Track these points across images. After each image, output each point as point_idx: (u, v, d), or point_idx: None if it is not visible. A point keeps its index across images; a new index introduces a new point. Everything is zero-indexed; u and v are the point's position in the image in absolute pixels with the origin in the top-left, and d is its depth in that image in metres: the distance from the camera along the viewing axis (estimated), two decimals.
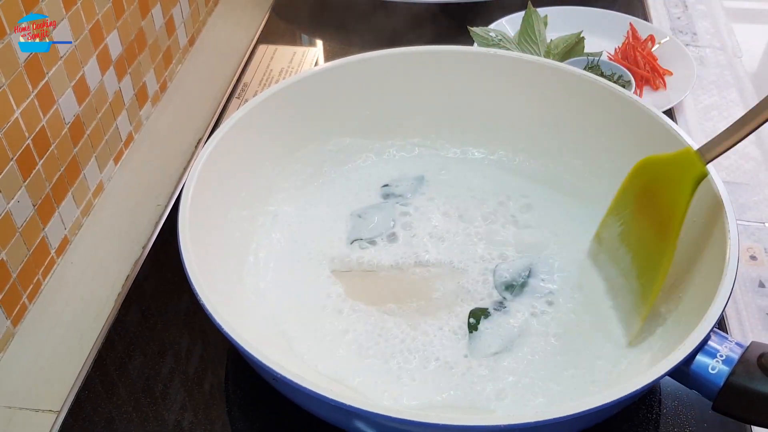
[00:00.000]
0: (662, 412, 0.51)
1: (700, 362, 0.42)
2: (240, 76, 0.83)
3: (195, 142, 0.75)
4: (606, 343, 0.51)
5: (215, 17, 0.94)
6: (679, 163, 0.47)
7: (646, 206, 0.50)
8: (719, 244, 0.47)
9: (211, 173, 0.54)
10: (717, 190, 0.49)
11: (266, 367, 0.40)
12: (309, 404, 0.45)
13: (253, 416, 0.51)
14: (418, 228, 0.60)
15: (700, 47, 0.88)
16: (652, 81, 0.78)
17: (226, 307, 0.45)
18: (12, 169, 0.55)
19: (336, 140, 0.65)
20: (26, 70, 0.56)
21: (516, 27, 0.82)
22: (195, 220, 0.50)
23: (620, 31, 0.84)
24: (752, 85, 0.82)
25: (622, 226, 0.53)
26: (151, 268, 0.62)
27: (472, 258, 0.58)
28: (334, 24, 0.93)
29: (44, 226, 0.60)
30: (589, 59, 0.76)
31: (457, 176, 0.65)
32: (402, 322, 0.53)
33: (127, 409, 0.51)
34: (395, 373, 0.50)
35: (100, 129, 0.68)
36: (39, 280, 0.60)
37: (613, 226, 0.54)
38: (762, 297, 0.59)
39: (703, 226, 0.50)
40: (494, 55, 0.64)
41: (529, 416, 0.37)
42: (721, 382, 0.41)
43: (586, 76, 0.61)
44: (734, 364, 0.41)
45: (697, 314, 0.43)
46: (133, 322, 0.57)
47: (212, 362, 0.54)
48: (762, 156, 0.73)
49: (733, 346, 0.42)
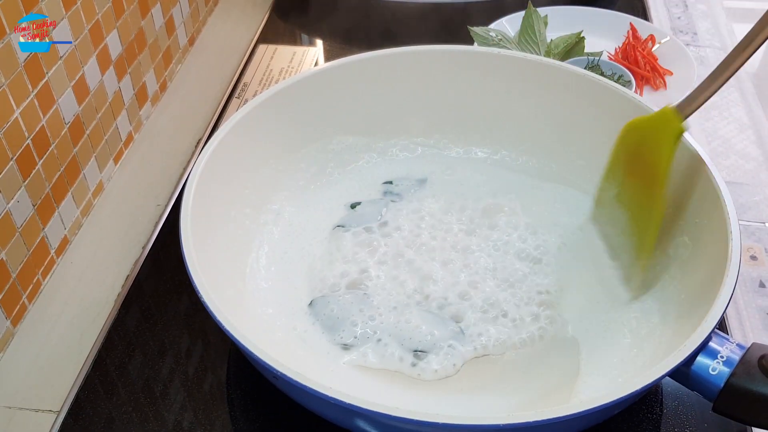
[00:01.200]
0: (663, 412, 0.51)
1: (701, 363, 0.42)
2: (240, 76, 0.83)
3: (195, 142, 0.75)
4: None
5: (215, 17, 0.94)
6: (660, 121, 0.50)
7: (635, 166, 0.53)
8: (721, 244, 0.47)
9: (213, 172, 0.54)
10: (719, 189, 0.49)
11: (267, 365, 0.40)
12: (310, 403, 0.45)
13: (254, 416, 0.51)
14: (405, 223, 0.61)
15: (701, 47, 0.88)
16: (652, 81, 0.78)
17: (227, 305, 0.45)
18: (12, 169, 0.55)
19: (339, 139, 0.65)
20: (26, 70, 0.56)
21: (516, 27, 0.82)
22: (197, 218, 0.50)
23: (620, 31, 0.84)
24: (752, 85, 0.82)
25: (617, 187, 0.56)
26: (151, 268, 0.62)
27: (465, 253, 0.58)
28: (334, 24, 0.93)
29: (44, 226, 0.60)
30: (590, 59, 0.76)
31: (461, 176, 0.65)
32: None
33: (127, 409, 0.51)
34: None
35: (99, 129, 0.68)
36: (39, 280, 0.60)
37: (609, 189, 0.57)
38: (762, 297, 0.59)
39: (704, 226, 0.50)
40: (497, 55, 0.64)
41: (528, 416, 0.37)
42: (721, 383, 0.41)
43: (589, 76, 0.61)
44: (735, 366, 0.41)
45: (698, 315, 0.43)
46: (133, 322, 0.57)
47: (212, 362, 0.54)
48: (762, 156, 0.73)
49: (733, 348, 0.42)
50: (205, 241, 0.50)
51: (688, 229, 0.52)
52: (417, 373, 0.50)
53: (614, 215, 0.56)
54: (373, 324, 0.53)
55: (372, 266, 0.57)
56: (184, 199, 0.50)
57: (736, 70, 0.46)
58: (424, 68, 0.65)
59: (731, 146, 0.74)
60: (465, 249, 0.58)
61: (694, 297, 0.48)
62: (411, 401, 0.49)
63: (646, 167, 0.52)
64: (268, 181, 0.61)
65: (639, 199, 0.53)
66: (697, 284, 0.49)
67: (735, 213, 0.48)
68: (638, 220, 0.53)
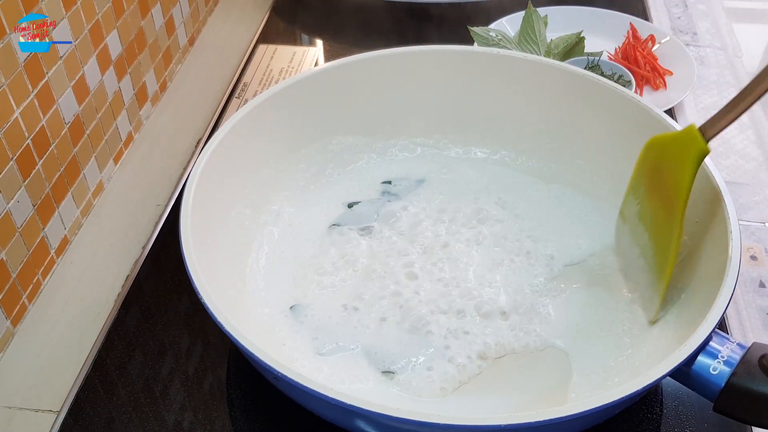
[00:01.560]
0: (663, 412, 0.51)
1: (701, 363, 0.42)
2: (240, 76, 0.83)
3: (195, 142, 0.75)
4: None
5: (215, 17, 0.94)
6: (683, 140, 0.48)
7: (656, 184, 0.51)
8: (721, 243, 0.47)
9: (213, 172, 0.54)
10: (719, 189, 0.49)
11: (267, 366, 0.40)
12: (310, 403, 0.45)
13: (254, 416, 0.51)
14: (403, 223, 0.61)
15: (701, 47, 0.88)
16: (652, 81, 0.78)
17: (227, 305, 0.45)
18: (12, 169, 0.55)
19: (339, 139, 0.65)
20: (26, 70, 0.56)
21: (516, 27, 0.82)
22: (197, 218, 0.50)
23: (620, 31, 0.84)
24: None
25: (639, 204, 0.54)
26: (151, 268, 0.62)
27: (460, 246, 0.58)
28: (334, 24, 0.93)
29: (44, 226, 0.60)
30: (590, 59, 0.76)
31: (459, 176, 0.65)
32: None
33: (127, 410, 0.51)
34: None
35: (99, 129, 0.68)
36: (39, 280, 0.60)
37: (632, 204, 0.55)
38: (762, 297, 0.59)
39: (704, 226, 0.50)
40: (497, 55, 0.64)
41: (529, 417, 0.37)
42: (722, 383, 0.41)
43: (589, 76, 0.61)
44: (735, 365, 0.41)
45: (699, 315, 0.43)
46: (133, 322, 0.57)
47: (212, 362, 0.54)
48: (762, 156, 0.73)
49: (734, 347, 0.42)
50: (204, 242, 0.50)
51: (688, 228, 0.52)
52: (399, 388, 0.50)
53: (636, 232, 0.55)
54: (355, 335, 0.53)
55: (366, 266, 0.57)
56: (184, 200, 0.50)
57: (763, 93, 0.44)
58: (424, 68, 0.65)
59: (731, 146, 0.74)
60: (462, 247, 0.58)
61: (693, 297, 0.48)
62: (410, 401, 0.49)
63: (666, 186, 0.50)
64: (268, 181, 0.61)
65: (659, 220, 0.51)
66: (697, 284, 0.49)
67: (735, 213, 0.48)
68: (658, 241, 0.51)
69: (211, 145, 0.55)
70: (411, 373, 0.50)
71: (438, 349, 0.51)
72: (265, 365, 0.40)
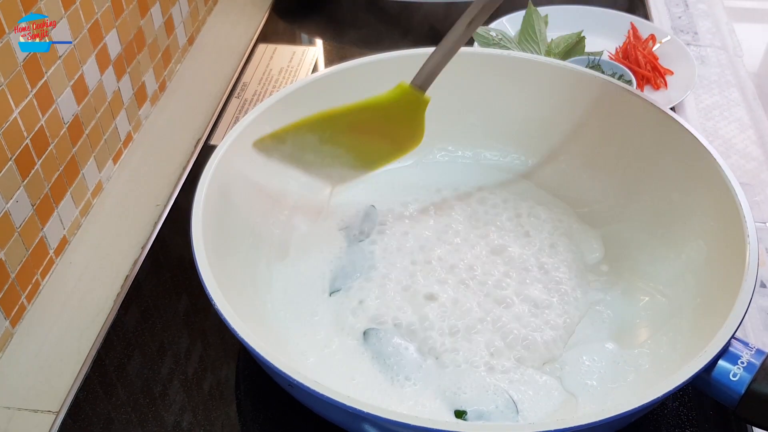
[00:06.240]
0: (664, 412, 0.50)
1: (722, 369, 0.41)
2: (239, 76, 0.83)
3: (194, 142, 0.75)
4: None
5: (214, 16, 0.94)
6: (405, 99, 0.52)
7: (374, 131, 0.56)
8: (737, 247, 0.46)
9: (223, 177, 0.53)
10: (734, 192, 0.49)
11: (283, 373, 0.40)
12: (322, 409, 0.44)
13: (254, 416, 0.51)
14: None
15: (701, 46, 0.88)
16: (653, 80, 0.78)
17: (241, 314, 0.44)
18: (11, 168, 0.55)
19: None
20: (25, 70, 0.56)
21: (516, 26, 0.81)
22: (207, 227, 0.48)
23: (621, 31, 0.84)
24: (753, 84, 0.82)
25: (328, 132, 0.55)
26: (150, 268, 0.62)
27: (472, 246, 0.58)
28: (334, 24, 0.93)
29: (43, 226, 0.60)
30: (590, 59, 0.76)
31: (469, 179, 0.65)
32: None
33: (126, 410, 0.51)
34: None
35: (99, 129, 0.68)
36: (38, 280, 0.60)
37: (311, 133, 0.54)
38: (763, 297, 0.59)
39: (720, 232, 0.49)
40: (497, 55, 0.64)
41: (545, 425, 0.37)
42: (742, 390, 0.40)
43: (590, 74, 0.61)
44: (756, 371, 0.41)
45: (715, 320, 0.43)
46: (133, 323, 0.57)
47: (212, 362, 0.54)
48: (763, 156, 0.72)
49: (753, 353, 0.41)
50: (217, 251, 0.48)
51: (702, 232, 0.51)
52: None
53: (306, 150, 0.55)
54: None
55: (383, 274, 0.56)
56: (194, 206, 0.49)
57: (458, 44, 0.51)
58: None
59: (732, 146, 0.73)
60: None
61: (709, 302, 0.48)
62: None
63: (394, 133, 0.55)
64: (279, 188, 0.60)
65: (369, 145, 0.56)
66: (713, 289, 0.48)
67: (752, 216, 0.47)
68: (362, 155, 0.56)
69: (224, 145, 0.53)
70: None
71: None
72: (280, 372, 0.40)
